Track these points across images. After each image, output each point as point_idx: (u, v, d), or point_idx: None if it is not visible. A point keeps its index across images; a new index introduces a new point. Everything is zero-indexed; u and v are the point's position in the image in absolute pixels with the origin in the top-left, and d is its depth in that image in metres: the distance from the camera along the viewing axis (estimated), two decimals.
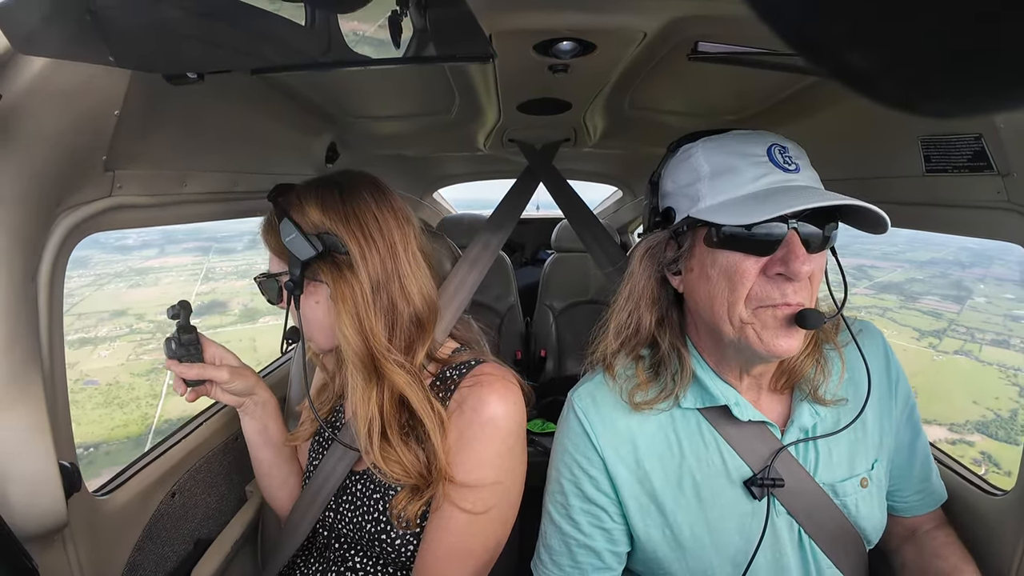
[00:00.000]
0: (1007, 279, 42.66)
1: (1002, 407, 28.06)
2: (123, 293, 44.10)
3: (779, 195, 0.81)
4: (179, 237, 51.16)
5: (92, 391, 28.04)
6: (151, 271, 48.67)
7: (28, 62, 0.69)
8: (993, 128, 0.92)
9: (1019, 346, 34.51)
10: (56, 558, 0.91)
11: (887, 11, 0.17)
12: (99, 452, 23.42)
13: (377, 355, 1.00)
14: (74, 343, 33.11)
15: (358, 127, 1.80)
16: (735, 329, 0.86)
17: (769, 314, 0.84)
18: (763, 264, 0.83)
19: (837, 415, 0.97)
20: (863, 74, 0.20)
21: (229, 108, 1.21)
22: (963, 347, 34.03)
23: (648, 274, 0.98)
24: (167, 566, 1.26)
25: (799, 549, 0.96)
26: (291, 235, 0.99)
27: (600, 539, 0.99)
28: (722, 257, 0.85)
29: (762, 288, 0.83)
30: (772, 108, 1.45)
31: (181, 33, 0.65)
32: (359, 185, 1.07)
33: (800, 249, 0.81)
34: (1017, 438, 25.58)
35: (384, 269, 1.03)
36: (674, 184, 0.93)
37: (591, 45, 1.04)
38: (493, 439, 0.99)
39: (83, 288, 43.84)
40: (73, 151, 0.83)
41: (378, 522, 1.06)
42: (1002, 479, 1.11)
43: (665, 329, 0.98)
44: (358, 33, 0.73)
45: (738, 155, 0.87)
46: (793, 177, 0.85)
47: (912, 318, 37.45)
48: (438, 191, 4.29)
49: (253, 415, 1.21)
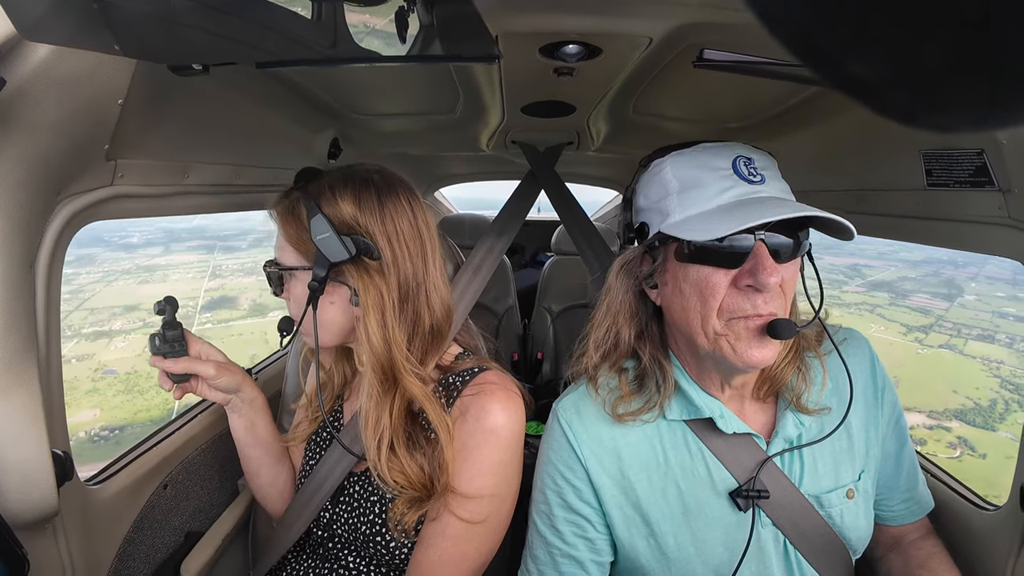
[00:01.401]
0: (999, 278, 43.64)
1: (982, 397, 29.89)
2: (133, 289, 45.71)
3: (745, 207, 0.82)
4: (183, 236, 52.71)
5: (112, 379, 29.05)
6: (158, 268, 49.73)
7: (33, 49, 0.69)
8: (996, 144, 0.92)
9: (1004, 341, 35.63)
10: (47, 547, 0.91)
11: (892, 24, 0.17)
12: (124, 434, 24.14)
13: (398, 364, 0.98)
14: (89, 336, 34.91)
15: (361, 124, 1.80)
16: (709, 341, 0.87)
17: (741, 325, 0.85)
18: (733, 276, 0.84)
19: (821, 424, 0.97)
20: (867, 86, 0.20)
21: (233, 101, 1.21)
22: (948, 341, 35.44)
23: (625, 288, 0.99)
24: (157, 557, 1.26)
25: (784, 560, 0.96)
26: (325, 233, 0.93)
27: (584, 549, 0.99)
28: (692, 271, 0.86)
29: (733, 300, 0.84)
30: (775, 117, 1.45)
31: (187, 24, 0.65)
32: (396, 187, 1.03)
33: (768, 260, 0.82)
34: (994, 425, 27.19)
35: (415, 278, 1.01)
36: (646, 200, 0.94)
37: (597, 49, 1.04)
38: (495, 449, 0.99)
39: (92, 284, 46.00)
40: (75, 139, 0.83)
41: (374, 524, 1.05)
42: (977, 462, 1.12)
43: (645, 342, 0.99)
44: (365, 30, 0.73)
45: (704, 168, 0.88)
46: (758, 189, 0.86)
47: (900, 314, 38.65)
48: (439, 190, 4.29)
49: (240, 412, 1.18)
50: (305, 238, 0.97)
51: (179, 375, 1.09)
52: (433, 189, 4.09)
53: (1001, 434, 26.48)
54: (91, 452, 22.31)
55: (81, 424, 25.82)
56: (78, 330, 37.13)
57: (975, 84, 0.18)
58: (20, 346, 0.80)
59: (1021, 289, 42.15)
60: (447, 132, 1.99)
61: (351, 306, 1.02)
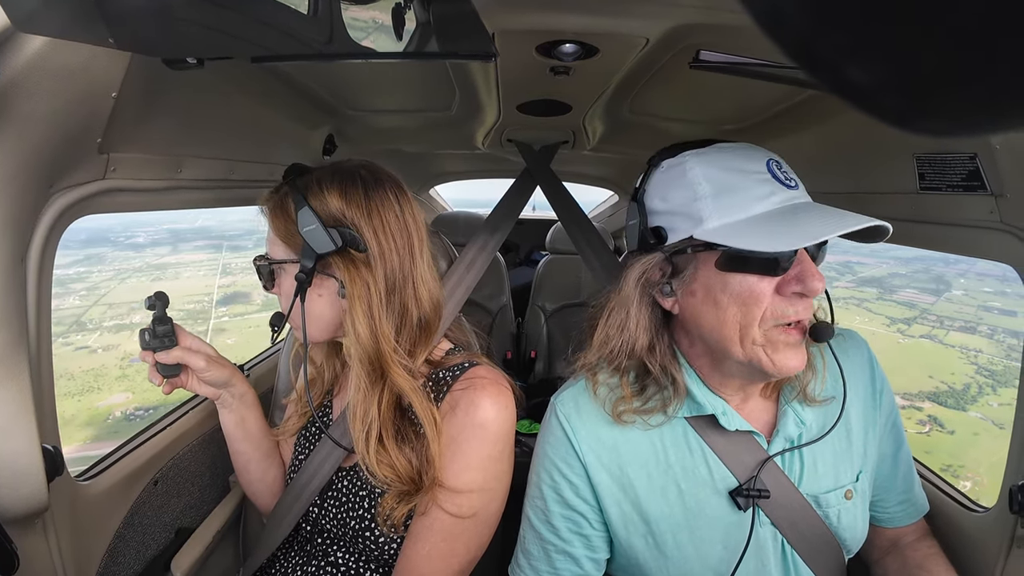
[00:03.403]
0: (989, 274, 44.79)
1: (956, 381, 31.79)
2: (147, 286, 47.62)
3: (797, 216, 0.80)
4: (188, 236, 55.62)
5: (139, 367, 32.49)
6: (169, 266, 52.29)
7: (26, 40, 0.69)
8: (989, 148, 0.93)
9: (986, 332, 37.21)
10: (36, 542, 0.91)
11: (888, 28, 0.18)
12: (157, 412, 25.16)
13: (385, 357, 0.98)
14: (111, 328, 37.87)
15: (357, 120, 1.79)
16: (745, 352, 0.85)
17: (781, 337, 0.84)
18: (776, 283, 0.82)
19: (822, 423, 0.97)
20: (861, 90, 0.20)
21: (228, 95, 1.20)
22: (930, 332, 37.32)
23: (641, 297, 0.94)
24: (147, 554, 1.25)
25: (782, 559, 0.96)
26: (311, 225, 0.95)
27: (579, 545, 0.98)
28: (734, 280, 0.83)
29: (777, 307, 0.83)
30: (771, 119, 1.46)
31: (182, 17, 0.64)
32: (383, 181, 1.04)
33: (813, 266, 0.81)
34: (965, 406, 29.12)
35: (401, 271, 1.01)
36: (664, 202, 0.90)
37: (593, 49, 1.04)
38: (484, 443, 0.99)
39: (107, 282, 49.40)
40: (68, 132, 0.82)
41: (363, 519, 1.05)
42: (945, 437, 1.14)
43: (656, 354, 0.95)
44: (361, 25, 0.73)
45: (737, 171, 0.84)
46: (796, 195, 0.84)
47: (886, 308, 40.42)
48: (434, 188, 4.29)
49: (231, 407, 1.18)
50: (293, 231, 0.98)
51: (169, 370, 1.08)
52: (428, 187, 4.08)
53: (971, 414, 28.55)
54: (128, 428, 24.01)
55: (116, 405, 28.06)
56: (99, 323, 39.53)
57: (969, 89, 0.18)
58: (10, 340, 0.79)
59: (1009, 285, 43.13)
60: (443, 129, 1.98)
61: (339, 299, 1.02)
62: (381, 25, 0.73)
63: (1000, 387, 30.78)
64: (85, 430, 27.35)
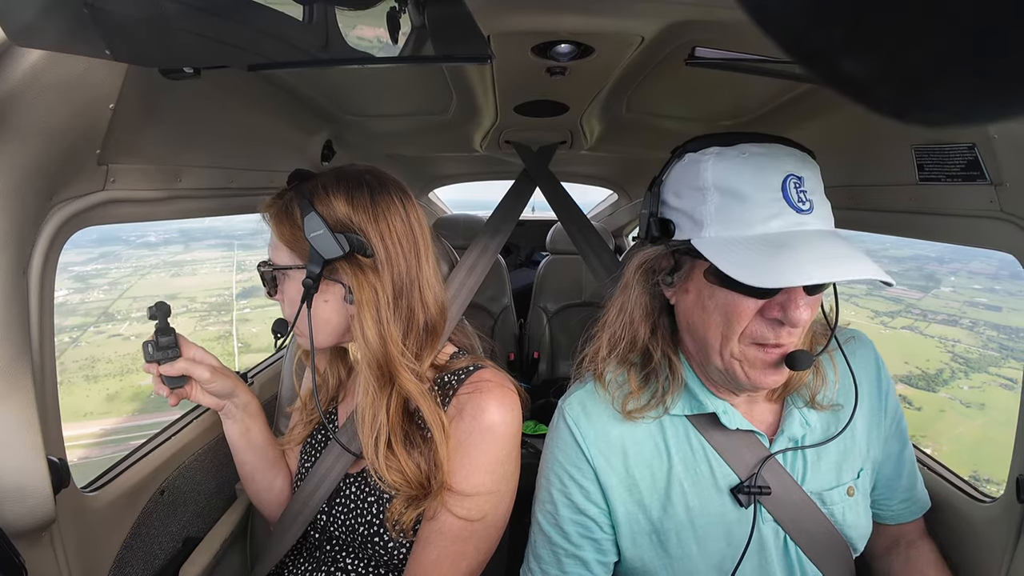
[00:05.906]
0: (981, 272, 46.29)
1: (930, 367, 34.13)
2: (167, 281, 51.24)
3: (791, 247, 0.76)
4: (198, 235, 58.57)
5: None
6: (186, 263, 54.54)
7: (24, 54, 0.69)
8: (987, 138, 0.93)
9: (967, 325, 38.94)
10: (44, 554, 0.91)
11: (883, 20, 0.18)
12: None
13: (394, 361, 0.98)
14: (139, 319, 40.17)
15: (355, 125, 1.79)
16: (724, 361, 0.86)
17: (760, 354, 0.84)
18: (761, 305, 0.82)
19: (826, 424, 0.97)
20: (858, 83, 0.20)
21: (225, 104, 1.21)
22: (912, 324, 39.27)
23: (643, 286, 0.95)
24: (155, 564, 1.25)
25: (785, 556, 0.96)
26: (318, 231, 0.95)
27: (589, 549, 0.98)
28: (720, 294, 0.83)
29: (757, 328, 0.83)
30: (768, 114, 1.45)
31: (178, 27, 0.64)
32: (388, 186, 1.04)
33: (801, 298, 0.80)
34: (935, 388, 31.53)
35: (408, 275, 1.01)
36: (677, 199, 0.89)
37: (589, 48, 1.04)
38: (491, 446, 0.99)
39: (127, 277, 52.56)
40: (67, 144, 0.83)
41: (371, 525, 1.05)
42: (912, 413, 1.14)
43: (658, 339, 0.97)
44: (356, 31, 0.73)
45: (751, 184, 0.81)
46: (804, 220, 0.80)
47: (873, 302, 41.81)
48: (433, 191, 4.29)
49: (234, 418, 1.17)
50: (299, 237, 0.98)
51: (175, 381, 1.08)
52: (427, 190, 4.08)
53: (940, 395, 30.88)
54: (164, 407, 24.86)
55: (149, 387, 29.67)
56: (127, 314, 42.19)
57: (965, 79, 0.18)
58: (13, 353, 0.80)
59: (998, 282, 43.94)
60: (440, 133, 1.99)
61: (345, 304, 1.02)
62: (376, 31, 0.73)
63: (972, 372, 33.19)
64: (132, 403, 29.97)
